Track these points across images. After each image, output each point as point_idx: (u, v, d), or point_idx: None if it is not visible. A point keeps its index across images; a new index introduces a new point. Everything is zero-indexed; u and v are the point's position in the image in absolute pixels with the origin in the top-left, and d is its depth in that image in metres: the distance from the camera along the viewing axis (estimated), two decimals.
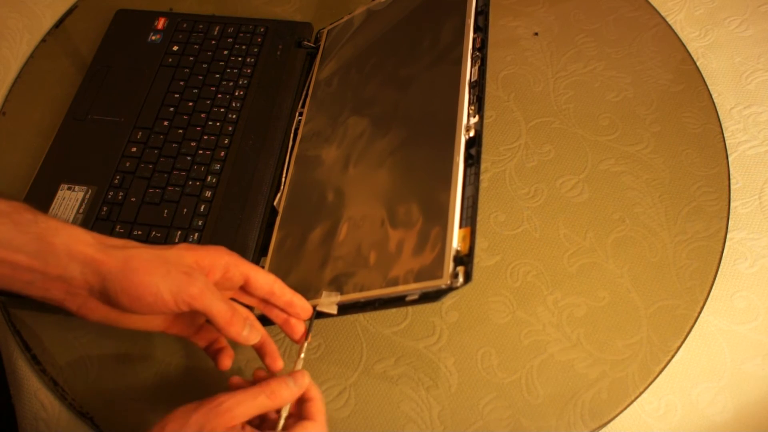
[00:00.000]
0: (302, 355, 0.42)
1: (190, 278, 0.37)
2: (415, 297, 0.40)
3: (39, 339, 0.50)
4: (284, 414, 0.39)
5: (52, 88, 0.64)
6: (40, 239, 0.35)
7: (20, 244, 0.35)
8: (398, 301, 0.41)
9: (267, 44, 0.63)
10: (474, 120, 0.44)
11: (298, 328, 0.43)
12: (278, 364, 0.42)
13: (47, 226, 0.36)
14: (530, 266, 0.52)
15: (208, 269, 0.39)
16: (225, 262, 0.40)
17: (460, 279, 0.37)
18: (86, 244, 0.36)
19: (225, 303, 0.38)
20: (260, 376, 0.42)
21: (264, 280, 0.41)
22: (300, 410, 0.40)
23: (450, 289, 0.38)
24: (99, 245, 0.36)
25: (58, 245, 0.35)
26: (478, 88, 0.45)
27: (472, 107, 0.45)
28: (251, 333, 0.40)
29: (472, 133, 0.43)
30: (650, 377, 0.47)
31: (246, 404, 0.37)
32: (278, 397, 0.38)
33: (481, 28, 0.48)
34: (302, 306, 0.43)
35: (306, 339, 0.43)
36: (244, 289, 0.42)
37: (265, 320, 0.44)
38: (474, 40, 0.48)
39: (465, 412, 0.46)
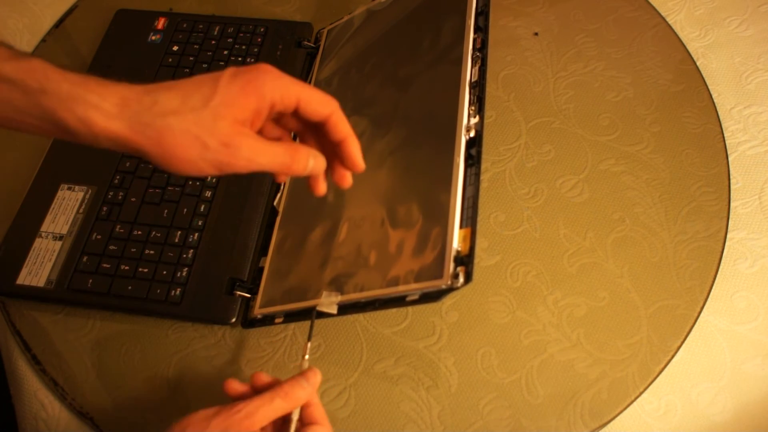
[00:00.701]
0: (306, 356, 0.42)
1: (230, 150, 0.33)
2: (416, 297, 0.40)
3: (39, 339, 0.50)
4: (295, 417, 0.39)
5: None
6: (51, 114, 0.32)
7: (37, 116, 0.33)
8: (398, 301, 0.41)
9: (267, 44, 0.63)
10: (474, 120, 0.44)
11: (344, 174, 0.39)
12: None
13: (58, 98, 0.33)
14: (530, 266, 0.52)
15: (251, 120, 0.35)
16: (269, 101, 0.35)
17: (461, 279, 0.37)
18: (109, 116, 0.33)
19: (277, 150, 0.35)
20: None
21: (316, 107, 0.36)
22: (302, 415, 0.40)
23: (450, 289, 0.38)
24: (124, 117, 0.33)
25: (73, 123, 0.33)
26: (479, 88, 0.45)
27: (473, 107, 0.45)
28: (316, 163, 0.37)
29: (472, 134, 0.43)
30: (650, 377, 0.47)
31: (264, 409, 0.37)
32: (294, 398, 0.38)
33: (482, 29, 0.48)
34: (354, 148, 0.38)
35: (308, 340, 0.43)
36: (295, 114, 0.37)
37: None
38: (474, 40, 0.48)
39: (465, 412, 0.47)
